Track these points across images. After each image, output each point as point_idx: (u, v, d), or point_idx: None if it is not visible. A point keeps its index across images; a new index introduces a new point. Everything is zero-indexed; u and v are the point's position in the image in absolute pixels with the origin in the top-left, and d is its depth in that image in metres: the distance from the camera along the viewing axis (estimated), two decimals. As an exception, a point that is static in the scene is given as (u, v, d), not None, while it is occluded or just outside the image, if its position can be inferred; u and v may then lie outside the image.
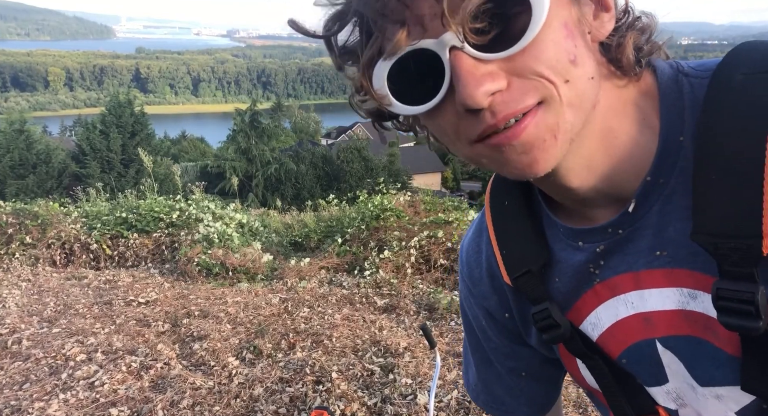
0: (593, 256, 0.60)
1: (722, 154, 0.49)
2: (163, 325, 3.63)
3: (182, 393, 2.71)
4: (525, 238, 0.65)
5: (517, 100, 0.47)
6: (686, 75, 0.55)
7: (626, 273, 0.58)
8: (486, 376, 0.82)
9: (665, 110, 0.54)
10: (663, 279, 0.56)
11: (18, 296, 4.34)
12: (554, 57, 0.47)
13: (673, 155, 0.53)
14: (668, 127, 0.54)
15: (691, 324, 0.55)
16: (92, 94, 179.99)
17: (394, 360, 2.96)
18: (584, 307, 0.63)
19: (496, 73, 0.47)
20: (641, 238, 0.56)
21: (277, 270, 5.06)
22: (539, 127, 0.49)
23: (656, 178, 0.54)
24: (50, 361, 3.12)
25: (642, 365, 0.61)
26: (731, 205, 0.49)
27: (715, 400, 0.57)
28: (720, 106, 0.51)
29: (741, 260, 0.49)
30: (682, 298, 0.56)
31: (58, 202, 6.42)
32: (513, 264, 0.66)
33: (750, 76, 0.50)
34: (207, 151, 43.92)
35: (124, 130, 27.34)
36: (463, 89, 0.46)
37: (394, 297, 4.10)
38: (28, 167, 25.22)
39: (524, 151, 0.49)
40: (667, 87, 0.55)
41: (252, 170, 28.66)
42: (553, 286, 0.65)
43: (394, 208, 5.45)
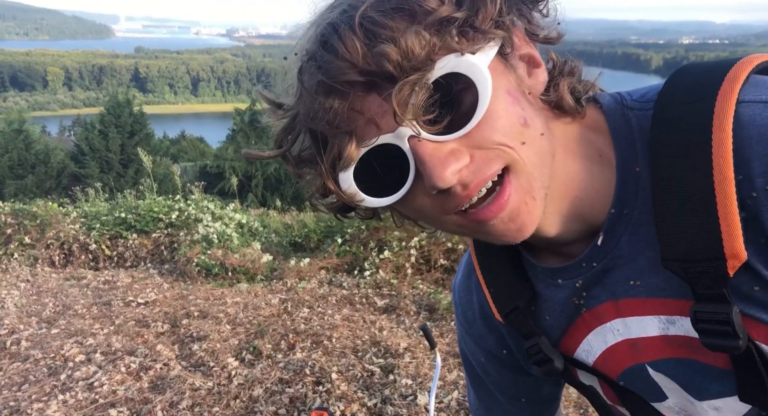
0: (574, 291, 0.62)
1: (675, 182, 0.51)
2: (163, 326, 3.63)
3: (181, 393, 2.70)
4: (508, 277, 0.67)
5: (482, 170, 0.50)
6: (630, 109, 0.58)
7: (608, 302, 0.60)
8: (487, 404, 0.85)
9: (618, 145, 0.57)
10: (641, 308, 0.58)
11: (17, 297, 4.33)
12: (507, 124, 0.50)
13: (632, 186, 0.55)
14: (623, 160, 0.56)
15: (676, 348, 0.57)
16: (91, 94, 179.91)
17: (395, 360, 2.95)
18: (576, 336, 0.65)
19: (458, 150, 0.50)
20: (617, 268, 0.58)
21: (276, 270, 5.05)
22: (519, 193, 0.52)
23: (620, 209, 0.56)
24: (49, 362, 3.11)
25: (640, 386, 0.63)
26: (692, 230, 0.50)
27: (714, 412, 0.59)
28: (665, 138, 0.53)
29: (711, 282, 0.50)
30: (661, 325, 0.57)
31: (56, 202, 6.41)
32: (501, 301, 0.68)
33: (689, 105, 0.52)
34: (206, 150, 43.84)
35: (123, 129, 27.32)
36: (431, 173, 0.49)
37: (394, 298, 4.10)
38: (27, 167, 25.19)
39: (511, 219, 0.52)
40: (616, 122, 0.57)
41: (251, 170, 28.63)
42: (546, 323, 0.67)
43: (394, 207, 5.44)
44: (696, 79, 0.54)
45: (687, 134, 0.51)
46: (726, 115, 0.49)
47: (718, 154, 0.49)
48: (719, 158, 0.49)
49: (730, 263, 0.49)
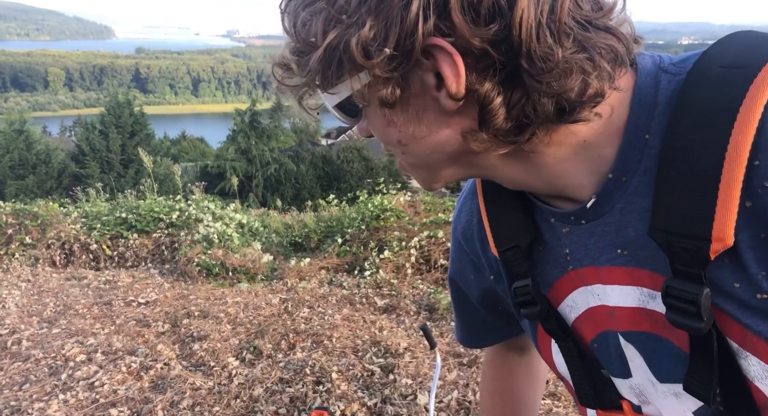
0: (562, 237, 0.61)
1: (684, 151, 0.48)
2: (163, 326, 3.63)
3: (182, 393, 2.71)
4: (513, 214, 0.65)
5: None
6: (665, 71, 0.53)
7: (590, 267, 0.59)
8: (465, 315, 0.87)
9: (635, 107, 0.52)
10: (624, 277, 0.56)
11: (18, 296, 4.34)
12: (384, 139, 0.56)
13: (637, 153, 0.52)
14: (635, 124, 0.52)
15: (651, 323, 0.56)
16: (92, 95, 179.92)
17: (395, 360, 2.96)
18: (561, 290, 0.64)
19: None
20: (604, 234, 0.56)
21: (277, 270, 5.06)
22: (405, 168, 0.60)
23: (618, 176, 0.53)
24: (50, 362, 3.12)
25: (609, 354, 0.62)
26: (687, 205, 0.48)
27: (673, 398, 0.58)
28: (690, 101, 0.48)
29: (691, 260, 0.49)
30: (642, 297, 0.56)
31: (57, 203, 6.42)
32: (501, 237, 0.66)
33: (727, 70, 0.47)
34: (207, 151, 43.88)
35: (123, 130, 27.35)
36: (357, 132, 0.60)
37: (395, 298, 4.10)
38: (28, 167, 25.22)
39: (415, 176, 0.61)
40: (644, 83, 0.53)
41: (252, 170, 28.65)
42: (541, 262, 0.65)
43: (394, 208, 5.45)
44: (747, 45, 0.48)
45: (714, 101, 0.47)
46: (764, 88, 0.44)
47: (740, 129, 0.45)
48: (739, 134, 0.45)
49: (714, 246, 0.47)
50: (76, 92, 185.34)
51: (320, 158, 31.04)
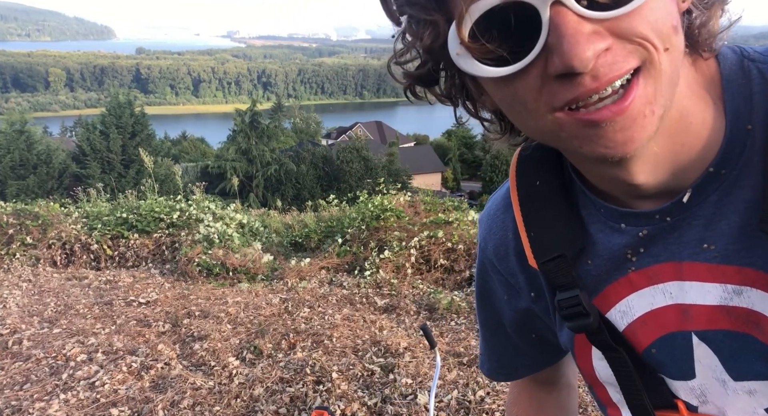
0: (634, 240, 0.56)
1: None
2: (164, 325, 3.64)
3: (182, 393, 2.71)
4: (560, 220, 0.61)
5: (620, 63, 0.43)
6: (752, 60, 0.51)
7: (668, 263, 0.55)
8: (493, 345, 0.81)
9: (730, 97, 0.50)
10: (707, 274, 0.53)
11: (18, 296, 4.34)
12: (660, 20, 0.43)
13: (739, 145, 0.50)
14: (736, 114, 0.50)
15: (732, 320, 0.53)
16: (93, 95, 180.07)
17: (395, 360, 2.96)
18: (614, 294, 0.60)
19: (600, 32, 0.42)
20: (690, 228, 0.53)
21: (277, 270, 5.06)
22: (642, 100, 0.44)
23: (719, 169, 0.51)
24: (51, 361, 3.12)
25: (672, 357, 0.58)
26: None
27: (746, 395, 0.56)
28: None
29: None
30: (725, 294, 0.53)
31: (58, 203, 6.43)
32: (543, 247, 0.61)
33: None
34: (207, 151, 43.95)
35: (124, 130, 27.38)
36: (571, 49, 0.41)
37: (394, 298, 4.10)
38: (29, 167, 25.24)
39: (623, 127, 0.45)
40: (732, 72, 0.51)
41: (252, 170, 28.68)
42: (584, 269, 0.61)
43: (394, 208, 5.46)
44: None
45: None
46: None
47: None
48: None
49: None
50: (76, 92, 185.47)
51: (320, 158, 31.07)
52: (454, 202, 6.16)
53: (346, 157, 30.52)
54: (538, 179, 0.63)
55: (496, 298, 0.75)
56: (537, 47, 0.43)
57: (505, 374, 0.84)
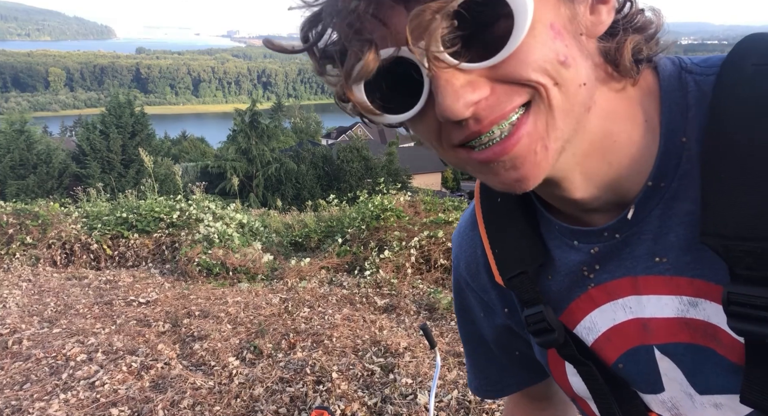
0: (587, 258, 0.57)
1: (734, 152, 0.46)
2: (164, 325, 3.64)
3: (182, 393, 2.71)
4: (521, 237, 0.62)
5: (502, 104, 0.45)
6: (690, 72, 0.52)
7: (624, 278, 0.56)
8: (478, 362, 0.81)
9: (666, 110, 0.52)
10: (662, 287, 0.54)
11: (18, 296, 4.34)
12: (541, 58, 0.44)
13: (674, 158, 0.51)
14: (670, 128, 0.51)
15: (690, 332, 0.54)
16: (92, 95, 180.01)
17: (395, 360, 2.96)
18: (578, 311, 0.61)
19: (477, 81, 0.44)
20: (640, 243, 0.54)
21: (277, 270, 5.06)
22: (531, 137, 0.46)
23: (657, 182, 0.52)
24: (51, 361, 3.12)
25: (639, 371, 0.59)
26: (744, 205, 0.46)
27: (713, 409, 0.55)
28: (731, 101, 0.47)
29: (754, 263, 0.46)
30: (681, 306, 0.53)
31: (58, 202, 6.43)
32: (507, 264, 0.63)
33: (761, 67, 0.47)
34: (207, 151, 43.96)
35: (124, 130, 27.37)
36: (442, 101, 0.44)
37: (395, 297, 4.10)
38: (29, 167, 25.23)
39: (513, 166, 0.47)
40: (670, 85, 0.52)
41: (252, 170, 28.67)
42: (545, 284, 0.62)
43: (395, 207, 5.46)
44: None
45: (758, 99, 0.46)
46: None
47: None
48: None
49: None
50: (76, 92, 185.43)
51: (320, 158, 31.07)
52: (454, 201, 6.16)
53: (346, 156, 30.52)
54: (499, 196, 0.64)
55: (474, 315, 0.76)
56: (422, 98, 0.46)
57: (493, 391, 0.83)
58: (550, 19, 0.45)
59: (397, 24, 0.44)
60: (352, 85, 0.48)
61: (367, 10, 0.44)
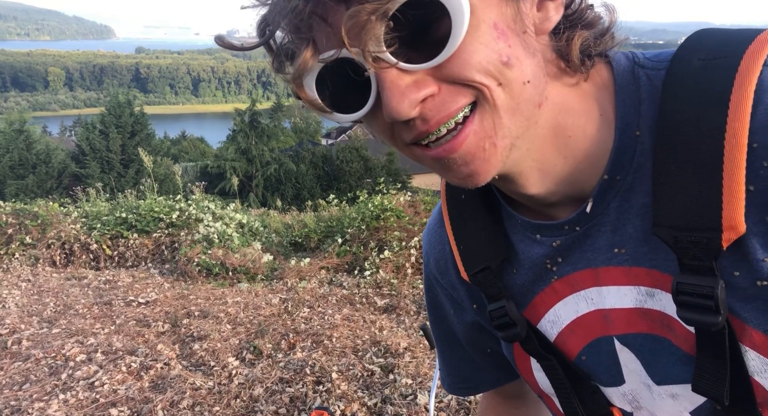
0: (550, 251, 0.58)
1: (681, 145, 0.48)
2: (163, 325, 3.63)
3: (182, 393, 2.71)
4: (484, 233, 0.63)
5: (447, 104, 0.45)
6: (642, 66, 0.53)
7: (585, 270, 0.57)
8: (451, 359, 0.81)
9: (621, 104, 0.52)
10: (621, 277, 0.55)
11: (18, 296, 4.34)
12: (484, 60, 0.44)
13: (629, 151, 0.52)
14: (624, 122, 0.52)
15: (648, 323, 0.55)
16: (92, 94, 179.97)
17: (395, 360, 2.96)
18: (542, 305, 0.62)
19: (423, 80, 0.45)
20: (600, 235, 0.55)
21: (277, 270, 5.06)
22: (478, 135, 0.47)
23: (613, 175, 0.53)
24: (50, 361, 3.12)
25: (600, 363, 0.60)
26: (691, 197, 0.47)
27: (670, 399, 0.56)
28: (677, 96, 0.49)
29: (701, 253, 0.47)
30: (639, 297, 0.54)
31: (57, 202, 6.42)
32: (471, 260, 0.64)
33: (708, 62, 0.48)
34: (207, 151, 43.93)
35: (123, 130, 27.36)
36: (388, 102, 0.44)
37: (394, 298, 4.10)
38: (28, 167, 25.22)
39: (464, 162, 0.48)
40: (623, 80, 0.53)
41: (252, 170, 28.67)
42: (510, 279, 0.63)
43: (394, 207, 5.45)
44: (721, 38, 0.50)
45: (702, 92, 0.47)
46: (750, 74, 0.45)
47: (735, 116, 0.45)
48: (735, 121, 0.45)
49: (726, 235, 0.46)
50: (76, 92, 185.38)
51: (320, 158, 31.06)
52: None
53: (345, 156, 30.51)
54: (463, 193, 0.65)
55: (445, 312, 0.77)
56: (371, 98, 0.47)
57: (465, 388, 0.83)
58: (494, 19, 0.45)
59: (338, 24, 0.44)
60: (302, 83, 0.48)
61: (304, 9, 0.44)
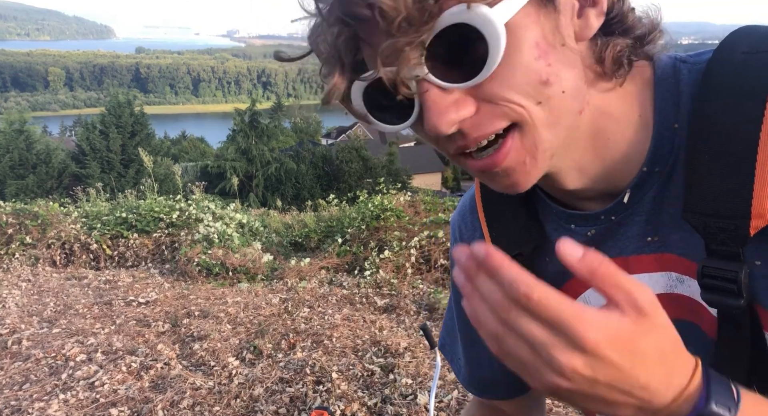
0: (584, 240, 0.60)
1: (716, 133, 0.49)
2: (163, 325, 3.63)
3: (182, 393, 2.71)
4: (518, 220, 0.65)
5: (485, 125, 0.48)
6: (684, 61, 0.55)
7: (616, 258, 0.58)
8: (471, 354, 0.82)
9: (660, 98, 0.54)
10: (653, 264, 0.57)
11: (18, 296, 4.34)
12: (523, 81, 0.46)
13: (668, 144, 0.53)
14: (662, 115, 0.54)
15: (679, 308, 0.56)
16: (92, 94, 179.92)
17: (395, 360, 2.96)
18: (572, 291, 0.63)
19: (463, 100, 0.47)
20: (633, 224, 0.57)
21: (277, 270, 5.06)
22: (519, 151, 0.49)
23: (652, 167, 0.54)
24: (50, 361, 3.12)
25: None
26: (722, 185, 0.49)
27: None
28: (716, 86, 0.50)
29: (728, 239, 0.49)
30: (670, 282, 0.56)
31: (58, 202, 6.42)
32: (503, 246, 0.65)
33: (750, 55, 0.49)
34: (207, 151, 43.93)
35: (124, 130, 27.36)
36: (428, 120, 0.47)
37: (395, 297, 4.10)
38: (28, 167, 25.22)
39: (507, 174, 0.51)
40: (664, 73, 0.55)
41: (252, 170, 28.66)
42: (544, 267, 0.65)
43: (394, 207, 5.45)
44: (762, 32, 0.51)
45: (742, 84, 0.48)
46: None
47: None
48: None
49: (754, 222, 0.47)
50: (76, 92, 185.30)
51: (320, 158, 31.06)
52: (454, 201, 6.16)
53: (345, 156, 30.51)
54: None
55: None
56: (414, 113, 0.50)
57: (478, 389, 0.84)
58: (535, 38, 0.46)
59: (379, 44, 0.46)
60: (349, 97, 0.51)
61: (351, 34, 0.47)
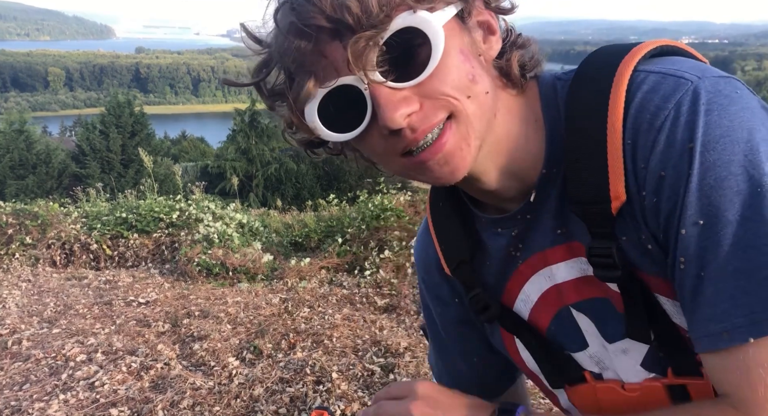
0: (511, 240, 0.70)
1: (580, 137, 0.60)
2: (163, 325, 3.63)
3: (182, 393, 2.71)
4: (457, 232, 0.75)
5: (429, 117, 0.57)
6: (559, 79, 0.66)
7: (538, 253, 0.69)
8: (445, 360, 0.91)
9: (546, 109, 0.65)
10: (565, 253, 0.66)
11: (18, 296, 4.34)
12: (456, 78, 0.57)
13: (558, 147, 0.64)
14: (551, 123, 0.65)
15: (592, 288, 0.65)
16: (92, 94, 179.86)
17: (395, 360, 2.96)
18: (514, 288, 0.73)
19: (409, 97, 0.56)
20: (545, 220, 0.66)
21: (277, 270, 5.06)
22: (455, 138, 0.58)
23: (550, 169, 0.64)
24: (50, 362, 3.12)
25: (566, 331, 0.70)
26: (589, 176, 0.59)
27: (623, 355, 0.66)
28: (577, 97, 0.62)
29: (602, 221, 0.60)
30: (581, 266, 0.66)
31: (58, 203, 6.41)
32: (450, 256, 0.76)
33: (598, 71, 0.61)
34: (207, 151, 43.90)
35: (123, 130, 27.37)
36: (383, 114, 0.55)
37: (395, 297, 4.10)
38: (28, 167, 25.23)
39: (446, 161, 0.59)
40: (547, 89, 0.66)
41: (252, 170, 28.65)
42: (486, 269, 0.75)
43: (395, 207, 5.45)
44: (610, 51, 0.63)
45: (592, 94, 0.60)
46: (623, 76, 0.59)
47: (613, 111, 0.58)
48: (612, 115, 0.57)
49: (614, 204, 0.58)
50: (76, 92, 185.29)
51: (320, 158, 31.01)
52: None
53: (345, 156, 30.47)
54: (440, 201, 0.78)
55: (432, 312, 0.88)
56: (367, 116, 0.58)
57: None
58: (459, 46, 0.58)
59: (335, 56, 0.55)
60: (304, 109, 0.58)
61: (307, 47, 0.55)
